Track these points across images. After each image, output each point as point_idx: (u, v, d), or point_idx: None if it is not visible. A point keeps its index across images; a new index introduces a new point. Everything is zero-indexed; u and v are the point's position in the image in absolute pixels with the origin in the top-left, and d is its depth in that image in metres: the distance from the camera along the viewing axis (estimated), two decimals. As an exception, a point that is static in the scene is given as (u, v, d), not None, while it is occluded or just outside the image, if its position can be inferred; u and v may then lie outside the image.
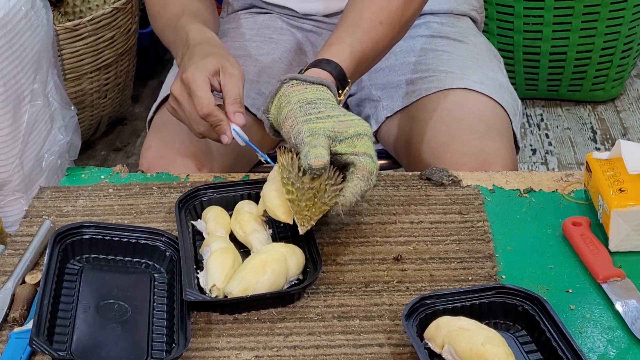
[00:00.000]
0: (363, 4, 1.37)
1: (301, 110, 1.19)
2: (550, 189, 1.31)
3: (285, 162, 1.14)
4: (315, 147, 1.13)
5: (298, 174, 1.12)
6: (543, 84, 2.98)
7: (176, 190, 1.33)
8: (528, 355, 1.00)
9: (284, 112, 1.21)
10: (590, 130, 2.87)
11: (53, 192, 1.34)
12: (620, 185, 1.17)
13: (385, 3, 1.37)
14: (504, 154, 1.42)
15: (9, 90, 1.52)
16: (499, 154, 1.41)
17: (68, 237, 1.15)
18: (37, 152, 1.63)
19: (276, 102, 1.24)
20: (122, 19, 2.68)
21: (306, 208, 1.11)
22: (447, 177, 1.32)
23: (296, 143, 1.16)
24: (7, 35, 1.53)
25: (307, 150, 1.13)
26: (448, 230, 1.22)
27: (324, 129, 1.15)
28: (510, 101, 1.52)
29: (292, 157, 1.15)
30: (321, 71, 1.28)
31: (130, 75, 2.90)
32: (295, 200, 1.11)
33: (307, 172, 1.12)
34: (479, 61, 1.56)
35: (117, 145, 2.91)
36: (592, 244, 1.15)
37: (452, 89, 1.49)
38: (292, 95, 1.21)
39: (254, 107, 1.52)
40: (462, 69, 1.52)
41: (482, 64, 1.55)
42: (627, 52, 2.92)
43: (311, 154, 1.12)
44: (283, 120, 1.21)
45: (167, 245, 1.16)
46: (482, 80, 1.50)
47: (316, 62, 1.30)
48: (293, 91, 1.22)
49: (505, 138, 1.45)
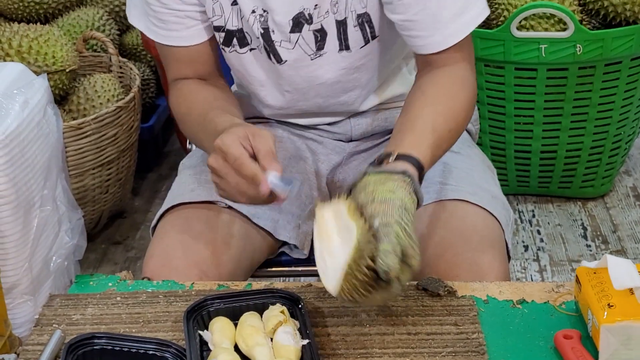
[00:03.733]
0: (435, 110, 1.44)
1: (398, 210, 1.23)
2: (542, 299, 1.36)
3: (361, 229, 1.20)
4: (396, 257, 1.19)
5: None
6: (534, 180, 3.05)
7: (182, 299, 1.38)
8: None
9: (382, 193, 1.25)
10: (581, 227, 2.93)
11: (63, 299, 1.39)
12: (609, 300, 1.22)
13: (452, 112, 1.45)
14: (496, 266, 1.47)
15: (20, 197, 1.57)
16: (491, 265, 1.47)
17: (80, 348, 1.20)
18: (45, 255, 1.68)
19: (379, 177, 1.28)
20: (125, 116, 2.76)
21: None
22: (443, 288, 1.37)
23: (380, 229, 1.20)
24: (20, 145, 1.58)
25: (393, 254, 1.18)
26: (444, 342, 1.26)
27: (404, 245, 1.21)
28: (503, 212, 1.58)
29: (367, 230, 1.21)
30: (411, 167, 1.32)
31: (131, 170, 2.97)
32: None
33: (379, 270, 1.18)
34: (473, 172, 1.62)
35: (117, 239, 2.96)
36: (583, 357, 1.20)
37: (447, 200, 1.55)
38: (398, 188, 1.26)
39: (255, 217, 1.58)
40: (457, 180, 1.59)
41: (476, 175, 1.62)
42: (615, 150, 3.00)
43: (394, 263, 1.18)
44: (378, 198, 1.24)
45: (175, 356, 1.21)
46: (476, 192, 1.57)
47: (406, 157, 1.34)
48: (401, 185, 1.27)
49: (498, 249, 1.51)
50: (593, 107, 2.86)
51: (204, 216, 1.54)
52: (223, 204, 1.56)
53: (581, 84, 2.82)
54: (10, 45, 2.59)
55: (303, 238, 1.63)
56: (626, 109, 2.93)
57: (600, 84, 2.82)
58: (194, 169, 1.65)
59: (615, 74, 2.82)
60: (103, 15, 3.13)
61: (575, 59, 2.74)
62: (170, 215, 1.57)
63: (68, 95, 2.79)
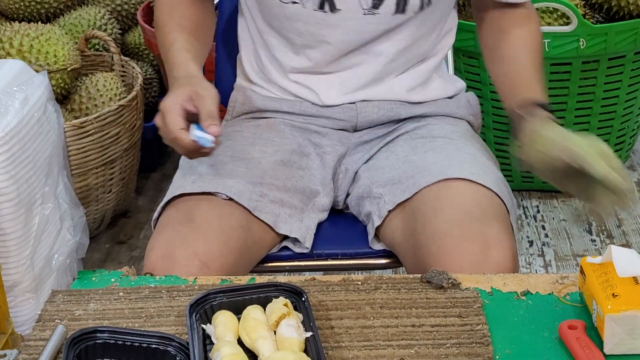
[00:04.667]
0: (530, 46, 1.69)
1: None
2: (547, 291, 1.35)
3: None
4: None
5: None
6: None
7: (184, 293, 1.37)
8: None
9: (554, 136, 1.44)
10: (586, 222, 2.92)
11: (65, 295, 1.38)
12: (613, 290, 1.21)
13: (538, 46, 1.70)
14: (504, 238, 1.48)
15: (21, 194, 1.58)
16: (499, 237, 1.47)
17: (82, 342, 1.19)
18: (47, 252, 1.68)
19: None
20: (128, 115, 2.75)
21: None
22: (447, 280, 1.37)
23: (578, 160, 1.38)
24: (21, 141, 1.59)
25: None
26: (448, 334, 1.26)
27: None
28: (507, 194, 1.58)
29: None
30: None
31: (134, 170, 2.96)
32: None
33: None
34: (477, 157, 1.62)
35: (121, 239, 2.95)
36: (588, 347, 1.20)
37: (451, 179, 1.55)
38: None
39: (256, 209, 1.57)
40: (460, 162, 1.59)
41: (480, 160, 1.62)
42: (619, 145, 2.99)
43: None
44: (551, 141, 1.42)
45: (177, 350, 1.20)
46: (480, 174, 1.57)
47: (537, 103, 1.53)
48: None
49: (504, 225, 1.51)
50: (597, 101, 2.85)
51: (205, 208, 1.54)
52: (224, 195, 1.55)
53: (585, 78, 2.81)
54: (12, 44, 2.58)
55: (305, 232, 1.63)
56: (630, 104, 2.92)
57: (604, 78, 2.81)
58: (195, 160, 1.64)
59: (619, 68, 2.81)
60: (105, 14, 3.13)
61: (579, 54, 2.73)
62: (172, 207, 1.57)
63: (70, 94, 2.78)
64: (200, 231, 1.51)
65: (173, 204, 1.58)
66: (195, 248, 1.49)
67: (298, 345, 1.20)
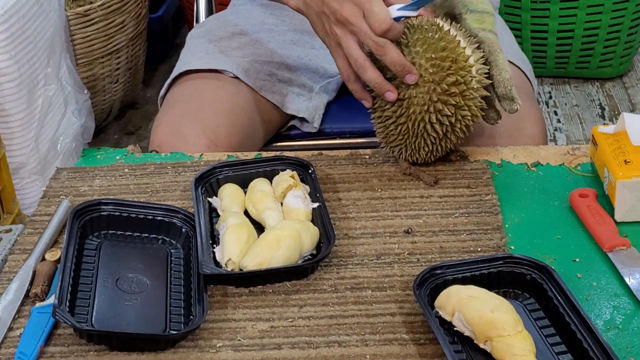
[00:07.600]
0: None
1: None
2: (557, 162, 1.33)
3: None
4: None
5: None
6: (551, 61, 2.99)
7: (190, 169, 1.35)
8: (536, 322, 1.03)
9: None
10: (599, 107, 2.88)
11: (70, 172, 1.37)
12: (625, 157, 1.19)
13: None
14: (534, 112, 1.47)
15: (23, 75, 1.55)
16: (530, 111, 1.45)
17: (87, 214, 1.18)
18: (52, 135, 1.66)
19: None
20: (132, 3, 2.71)
21: None
22: (455, 154, 1.34)
23: None
24: (20, 20, 1.56)
25: None
26: (457, 204, 1.24)
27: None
28: (530, 72, 1.57)
29: None
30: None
31: (141, 60, 2.93)
32: None
33: None
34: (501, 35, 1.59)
35: (130, 129, 2.94)
36: (599, 214, 1.18)
37: None
38: None
39: (262, 89, 1.54)
40: None
41: (504, 37, 1.58)
42: (634, 28, 2.93)
43: None
44: None
45: (183, 222, 1.19)
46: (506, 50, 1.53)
47: None
48: None
49: (532, 100, 1.50)
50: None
51: (212, 85, 1.51)
52: (230, 73, 1.52)
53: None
54: None
55: (313, 112, 1.60)
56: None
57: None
58: (202, 38, 1.61)
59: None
60: None
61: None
62: (179, 85, 1.55)
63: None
64: (208, 109, 1.48)
65: (180, 82, 1.55)
66: (204, 126, 1.46)
67: (305, 215, 1.18)
